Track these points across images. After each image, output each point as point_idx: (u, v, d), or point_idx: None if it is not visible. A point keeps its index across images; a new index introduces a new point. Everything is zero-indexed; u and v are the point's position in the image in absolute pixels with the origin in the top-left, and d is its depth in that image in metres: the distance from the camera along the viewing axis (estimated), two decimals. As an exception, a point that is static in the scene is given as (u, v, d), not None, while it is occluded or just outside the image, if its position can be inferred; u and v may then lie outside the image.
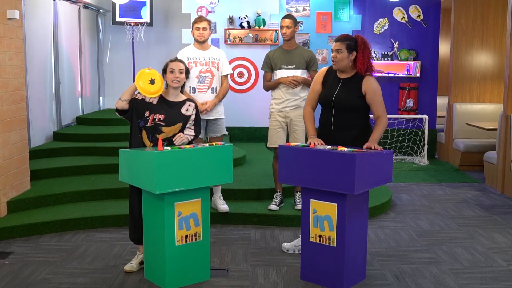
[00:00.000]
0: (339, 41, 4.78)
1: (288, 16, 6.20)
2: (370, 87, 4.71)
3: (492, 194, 7.71)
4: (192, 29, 6.08)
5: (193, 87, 6.06)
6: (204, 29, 6.02)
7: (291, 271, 4.88)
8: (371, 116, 4.86)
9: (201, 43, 6.08)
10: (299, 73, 6.14)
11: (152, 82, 4.61)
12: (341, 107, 4.76)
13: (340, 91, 4.77)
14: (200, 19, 6.04)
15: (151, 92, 4.62)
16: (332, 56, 4.80)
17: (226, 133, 6.35)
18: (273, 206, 6.30)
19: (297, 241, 5.34)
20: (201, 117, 5.90)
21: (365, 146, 4.55)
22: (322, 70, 5.01)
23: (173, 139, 4.69)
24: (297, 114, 6.15)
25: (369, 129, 4.84)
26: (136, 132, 4.75)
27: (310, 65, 6.18)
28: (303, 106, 6.14)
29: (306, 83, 6.14)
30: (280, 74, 6.17)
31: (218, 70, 6.13)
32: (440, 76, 11.03)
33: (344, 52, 4.73)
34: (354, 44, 4.76)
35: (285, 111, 6.16)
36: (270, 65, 6.28)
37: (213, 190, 6.24)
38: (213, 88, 6.09)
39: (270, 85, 6.30)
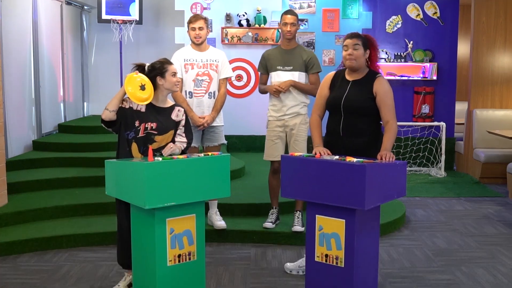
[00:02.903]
0: (354, 37, 4.80)
1: (291, 12, 6.16)
2: (382, 88, 4.76)
3: (517, 209, 7.74)
4: (188, 29, 6.10)
5: (189, 91, 6.07)
6: (200, 28, 6.03)
7: (294, 294, 4.90)
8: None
9: (198, 44, 6.10)
10: (297, 75, 6.10)
11: (142, 88, 4.61)
12: (351, 110, 4.78)
13: (350, 93, 4.80)
14: (195, 18, 6.05)
15: (142, 99, 4.61)
16: (347, 53, 4.79)
17: (225, 142, 6.36)
18: (268, 224, 6.31)
19: (301, 261, 5.35)
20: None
21: (378, 156, 4.57)
22: (329, 75, 5.04)
23: (162, 151, 4.69)
24: (297, 123, 6.11)
25: (381, 136, 4.86)
26: (124, 145, 4.74)
27: (309, 67, 6.13)
28: (303, 113, 6.14)
29: (298, 88, 6.08)
30: (276, 76, 6.14)
31: (217, 73, 6.15)
32: (458, 79, 11.07)
33: (361, 48, 4.78)
34: (367, 42, 4.83)
35: (284, 119, 6.13)
36: (265, 66, 6.26)
37: (209, 205, 6.26)
38: (211, 92, 6.11)
39: (262, 90, 6.31)
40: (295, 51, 6.18)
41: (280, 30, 6.29)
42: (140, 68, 4.78)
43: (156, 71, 4.75)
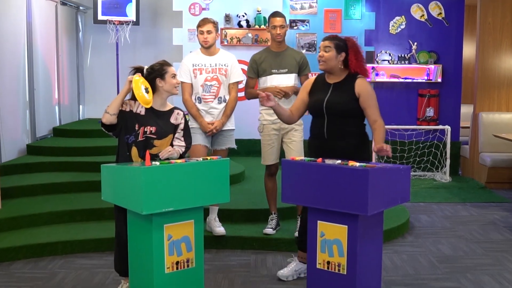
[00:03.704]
0: (327, 40, 4.98)
1: (279, 14, 6.24)
2: (364, 89, 4.90)
3: (524, 215, 7.74)
4: (197, 33, 6.14)
5: (198, 97, 6.12)
6: (208, 32, 6.07)
7: (295, 302, 4.91)
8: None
9: (207, 48, 6.14)
10: (293, 77, 6.18)
11: (146, 90, 4.63)
12: (334, 112, 4.90)
13: (332, 96, 4.94)
14: (204, 21, 6.10)
15: (148, 102, 4.63)
16: (319, 55, 4.97)
17: (235, 146, 6.39)
18: (269, 230, 6.31)
19: (295, 265, 5.35)
20: None
21: (375, 148, 4.66)
22: (310, 79, 5.23)
23: (159, 155, 4.70)
24: (292, 126, 6.13)
25: (367, 138, 5.03)
26: (123, 149, 4.74)
27: (302, 68, 6.23)
28: None
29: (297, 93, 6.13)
30: (271, 80, 6.17)
31: (226, 78, 6.19)
32: (464, 81, 11.04)
33: (333, 50, 4.91)
34: (343, 45, 4.96)
35: (280, 122, 6.12)
36: (256, 71, 6.28)
37: (210, 211, 6.26)
38: (220, 97, 6.16)
39: (255, 94, 6.23)
40: (287, 52, 6.24)
41: (269, 32, 6.33)
42: (138, 71, 4.79)
43: (155, 73, 4.76)
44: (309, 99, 5.10)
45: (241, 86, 6.59)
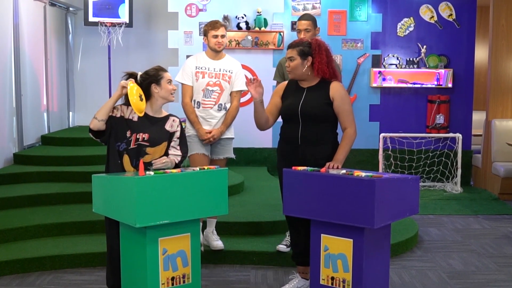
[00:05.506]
0: (290, 48, 5.11)
1: (305, 17, 6.20)
2: (338, 93, 5.02)
3: (539, 228, 7.75)
4: (206, 37, 6.16)
5: (197, 101, 6.14)
6: (222, 36, 6.13)
7: (298, 321, 4.90)
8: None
9: (219, 51, 6.18)
10: None
11: (140, 98, 4.64)
12: (309, 116, 5.01)
13: (307, 99, 5.05)
14: (216, 25, 6.13)
15: (141, 110, 4.65)
16: (285, 65, 5.12)
17: (233, 156, 6.40)
18: (282, 247, 6.21)
19: (297, 281, 5.33)
20: None
21: (325, 166, 4.74)
22: (283, 84, 5.36)
23: (152, 162, 4.71)
24: None
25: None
26: (114, 157, 4.75)
27: None
28: None
29: None
30: None
31: (229, 84, 6.21)
32: (476, 87, 11.05)
33: (297, 59, 5.05)
34: (308, 49, 5.07)
35: None
36: (282, 74, 6.29)
37: (207, 223, 6.25)
38: (221, 104, 6.17)
39: None
40: None
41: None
42: (132, 77, 4.80)
43: (151, 78, 4.78)
44: (282, 103, 5.21)
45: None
